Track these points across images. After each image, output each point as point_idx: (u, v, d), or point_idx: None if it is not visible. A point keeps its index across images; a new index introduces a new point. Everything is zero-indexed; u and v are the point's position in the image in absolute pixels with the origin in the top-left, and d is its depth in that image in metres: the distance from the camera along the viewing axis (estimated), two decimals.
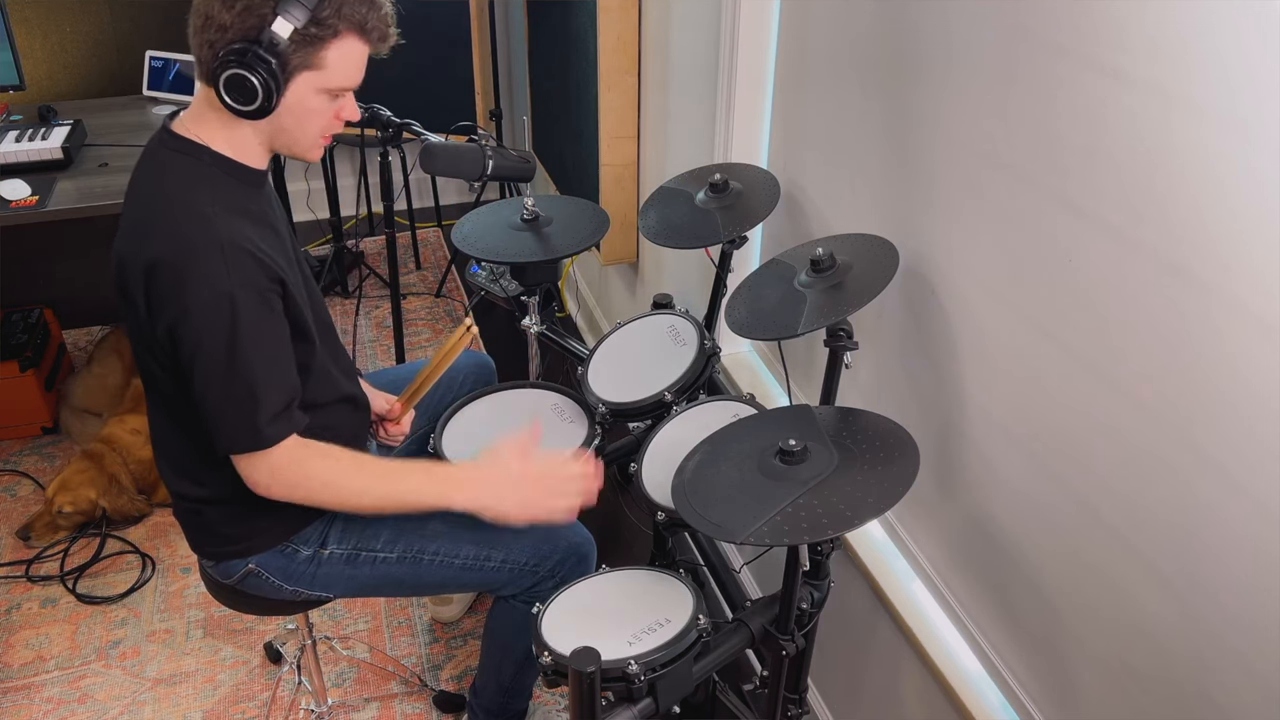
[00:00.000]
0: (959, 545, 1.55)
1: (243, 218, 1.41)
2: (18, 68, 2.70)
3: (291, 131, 1.43)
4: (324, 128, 1.45)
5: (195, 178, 1.40)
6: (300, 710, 2.15)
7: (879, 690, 1.80)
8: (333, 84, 1.39)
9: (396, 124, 2.20)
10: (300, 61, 1.34)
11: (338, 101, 1.43)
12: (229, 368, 1.36)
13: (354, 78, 1.42)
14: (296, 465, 1.45)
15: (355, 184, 3.84)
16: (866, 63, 1.57)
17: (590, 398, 1.83)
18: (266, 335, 1.39)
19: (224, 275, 1.34)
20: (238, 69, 1.31)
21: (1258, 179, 0.94)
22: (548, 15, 2.98)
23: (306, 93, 1.38)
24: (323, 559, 1.63)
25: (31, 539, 2.54)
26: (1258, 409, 0.98)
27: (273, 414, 1.40)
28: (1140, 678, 1.21)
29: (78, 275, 3.29)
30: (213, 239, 1.35)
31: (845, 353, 1.49)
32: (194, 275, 1.33)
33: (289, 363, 1.44)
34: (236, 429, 1.40)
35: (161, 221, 1.37)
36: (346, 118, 1.46)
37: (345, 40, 1.36)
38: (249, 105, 1.34)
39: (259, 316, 1.37)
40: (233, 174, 1.44)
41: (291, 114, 1.39)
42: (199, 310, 1.34)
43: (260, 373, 1.38)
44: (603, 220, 2.06)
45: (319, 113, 1.42)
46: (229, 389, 1.38)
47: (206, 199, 1.38)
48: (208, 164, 1.42)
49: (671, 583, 1.51)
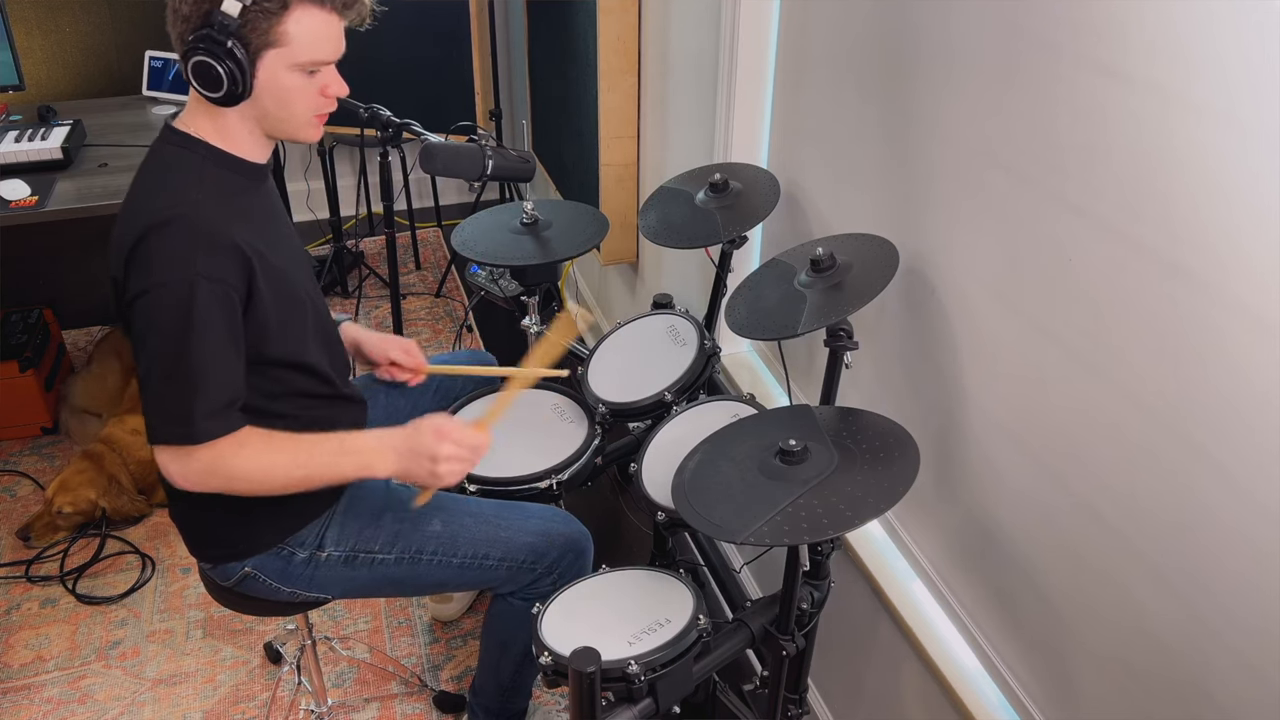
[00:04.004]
0: (959, 545, 1.55)
1: (233, 211, 1.40)
2: (17, 68, 2.70)
3: (276, 114, 1.41)
4: (312, 107, 1.42)
5: (189, 169, 1.40)
6: (300, 710, 2.15)
7: (879, 690, 1.80)
8: (302, 59, 1.36)
9: (396, 124, 2.20)
10: (260, 39, 1.33)
11: (317, 78, 1.40)
12: (176, 353, 1.34)
13: (325, 50, 1.38)
14: (220, 462, 1.40)
15: (355, 184, 3.84)
16: (866, 62, 1.57)
17: (590, 398, 1.83)
18: (221, 332, 1.36)
19: (193, 262, 1.32)
20: (200, 56, 1.31)
21: (1257, 179, 0.94)
22: (548, 15, 2.98)
23: (278, 71, 1.36)
24: (320, 561, 1.63)
25: (31, 539, 2.53)
26: (1258, 409, 0.98)
27: (210, 410, 1.37)
28: (1140, 677, 1.21)
29: (78, 275, 3.29)
30: (191, 225, 1.34)
31: (845, 353, 1.49)
32: (163, 255, 1.33)
33: (237, 364, 1.41)
34: (171, 418, 1.37)
35: (151, 206, 1.37)
36: (334, 94, 1.43)
37: (300, 11, 1.33)
38: (219, 91, 1.34)
39: (218, 311, 1.35)
40: (229, 168, 1.43)
41: (270, 95, 1.38)
42: (159, 289, 1.33)
43: (206, 366, 1.36)
44: (602, 224, 2.06)
45: (299, 91, 1.39)
46: (172, 374, 1.35)
47: (196, 188, 1.38)
48: (203, 157, 1.42)
49: (671, 583, 1.51)
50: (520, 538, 1.67)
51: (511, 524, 1.68)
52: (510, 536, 1.66)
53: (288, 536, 1.61)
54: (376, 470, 1.49)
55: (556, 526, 1.70)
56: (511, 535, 1.67)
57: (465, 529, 1.65)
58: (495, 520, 1.68)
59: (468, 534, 1.65)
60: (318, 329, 1.57)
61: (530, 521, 1.69)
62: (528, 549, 1.67)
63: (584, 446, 1.76)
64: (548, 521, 1.70)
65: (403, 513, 1.66)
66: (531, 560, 1.67)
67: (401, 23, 3.36)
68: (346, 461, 1.49)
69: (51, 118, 2.76)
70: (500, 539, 1.66)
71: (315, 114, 1.44)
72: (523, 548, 1.67)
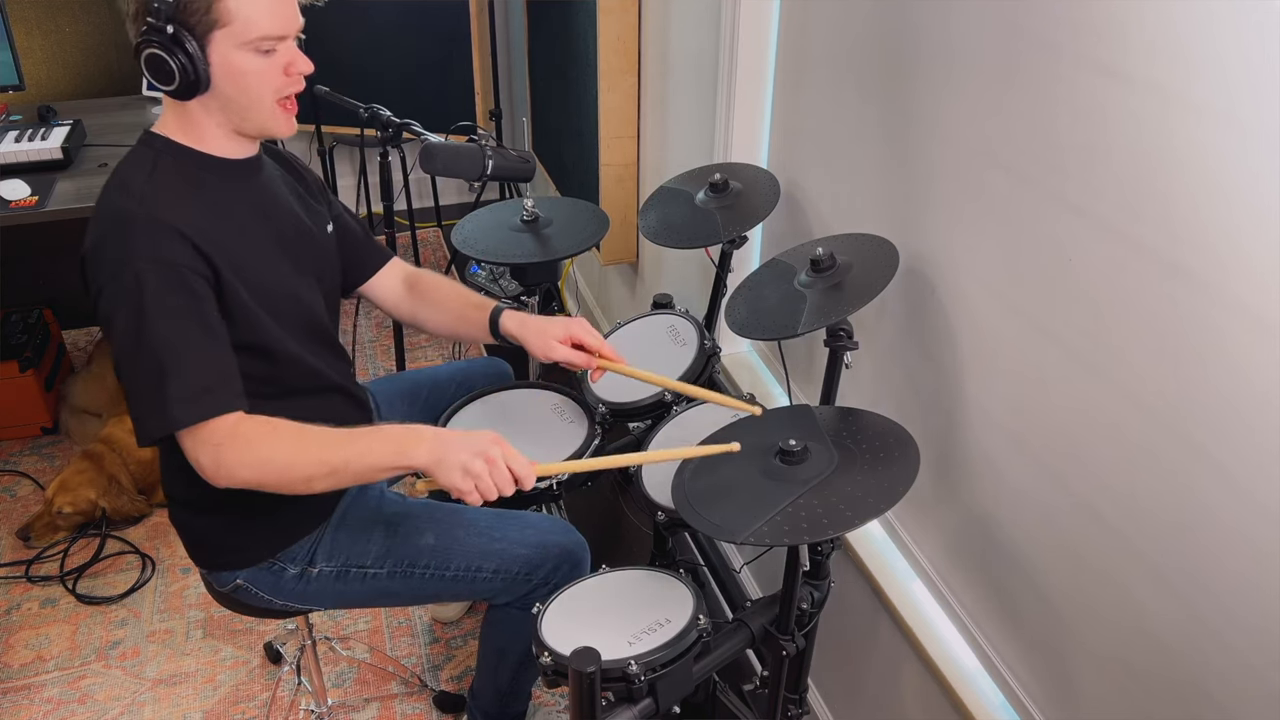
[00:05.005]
0: (959, 545, 1.55)
1: (189, 204, 1.36)
2: (17, 68, 2.70)
3: (238, 100, 1.36)
4: (274, 89, 1.37)
5: (140, 166, 1.39)
6: (300, 710, 2.15)
7: (879, 690, 1.80)
8: (252, 35, 1.31)
9: (396, 124, 2.20)
10: (202, 21, 1.29)
11: (276, 57, 1.35)
12: (137, 344, 1.31)
13: (274, 24, 1.32)
14: (249, 449, 1.33)
15: (355, 184, 3.83)
16: (866, 62, 1.57)
17: (590, 398, 1.82)
18: (181, 313, 1.32)
19: (132, 249, 1.30)
20: (149, 49, 1.29)
21: (1257, 179, 0.94)
22: (548, 15, 2.98)
23: (229, 52, 1.31)
24: (311, 577, 1.61)
25: (31, 539, 2.54)
26: (1258, 409, 0.98)
27: (185, 394, 1.31)
28: (1140, 677, 1.21)
29: (77, 275, 3.29)
30: (131, 216, 1.32)
31: (845, 353, 1.49)
32: (105, 252, 1.32)
33: (210, 346, 1.35)
34: (147, 408, 1.33)
35: (100, 208, 1.37)
36: (297, 71, 1.38)
37: None
38: (173, 84, 1.31)
39: (171, 293, 1.31)
40: (193, 163, 1.41)
41: (228, 81, 1.34)
42: (107, 286, 1.32)
43: (171, 350, 1.31)
44: (602, 221, 2.06)
45: (257, 73, 1.34)
46: (138, 366, 1.32)
47: (142, 180, 1.36)
48: (158, 151, 1.40)
49: (671, 583, 1.51)
50: (515, 550, 1.64)
51: (506, 536, 1.65)
52: (505, 549, 1.64)
53: (278, 552, 1.59)
54: (414, 455, 1.33)
55: (553, 537, 1.67)
56: (506, 547, 1.64)
57: (458, 541, 1.63)
58: (490, 532, 1.65)
59: (461, 547, 1.63)
60: (301, 322, 1.54)
61: (526, 533, 1.66)
62: (522, 561, 1.64)
63: (584, 446, 1.76)
64: (544, 533, 1.68)
65: (395, 526, 1.64)
66: (526, 572, 1.64)
67: (402, 23, 3.37)
68: (385, 448, 1.34)
69: (51, 118, 2.76)
70: (494, 551, 1.64)
71: (279, 96, 1.39)
72: (517, 559, 1.64)
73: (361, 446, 1.35)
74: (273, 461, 1.34)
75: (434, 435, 1.35)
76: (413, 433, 1.36)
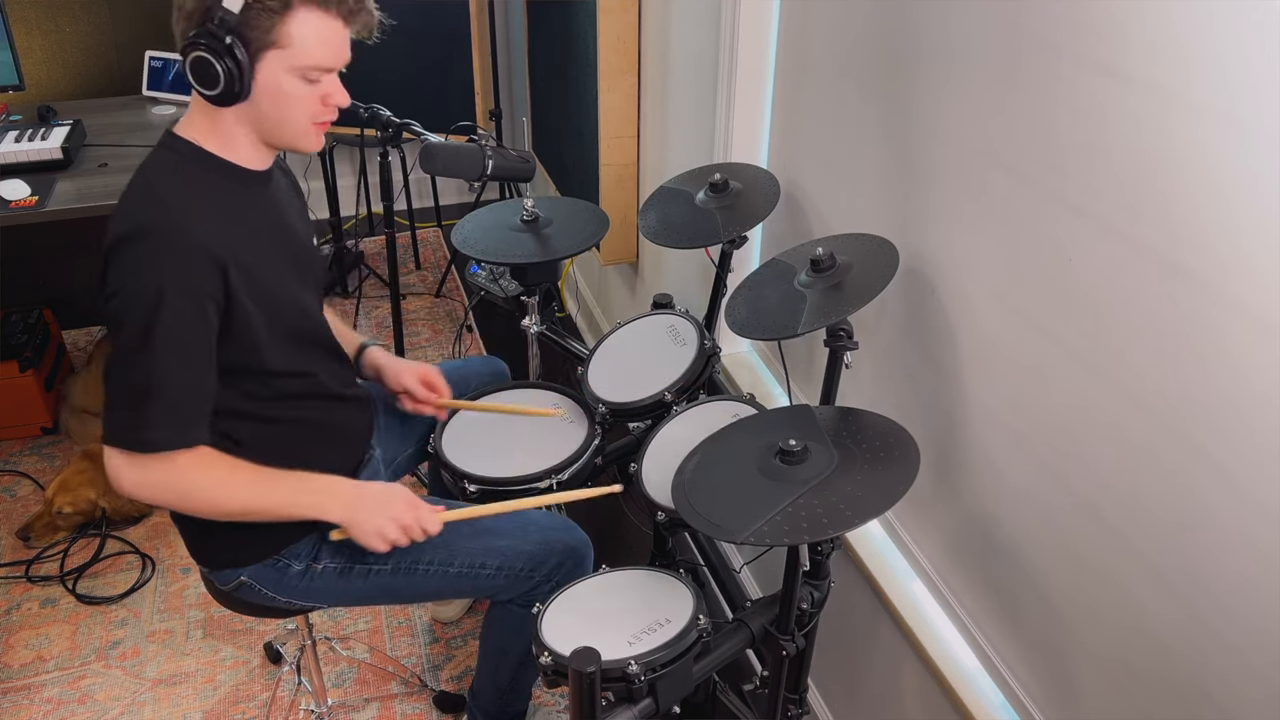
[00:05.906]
0: (959, 545, 1.55)
1: (212, 214, 1.38)
2: (17, 68, 2.70)
3: (273, 118, 1.39)
4: (310, 114, 1.40)
5: (165, 171, 1.40)
6: (300, 710, 2.15)
7: (879, 690, 1.80)
8: (302, 63, 1.34)
9: (396, 124, 2.20)
10: (261, 39, 1.31)
11: (318, 86, 1.38)
12: (135, 358, 1.33)
13: (326, 57, 1.36)
14: (178, 477, 1.39)
15: (355, 184, 3.84)
16: (866, 62, 1.57)
17: (590, 398, 1.83)
18: (186, 342, 1.35)
19: (160, 266, 1.31)
20: (199, 52, 1.30)
21: (1257, 179, 0.94)
22: (548, 15, 2.98)
23: (278, 73, 1.34)
24: (315, 573, 1.61)
25: (31, 539, 2.53)
26: (1258, 409, 0.98)
27: (166, 421, 1.35)
28: (1140, 677, 1.21)
29: (78, 275, 3.29)
30: (161, 226, 1.33)
31: (845, 353, 1.49)
32: (131, 258, 1.32)
33: (203, 380, 1.39)
34: (126, 421, 1.36)
35: (125, 211, 1.37)
36: (335, 103, 1.42)
37: (304, 12, 1.32)
38: (216, 89, 1.32)
39: (185, 321, 1.34)
40: (217, 171, 1.42)
41: (268, 98, 1.36)
42: (126, 290, 1.32)
43: (166, 375, 1.34)
44: (602, 221, 2.06)
45: (298, 97, 1.37)
46: (128, 378, 1.34)
47: (168, 187, 1.37)
48: (182, 156, 1.41)
49: (671, 583, 1.51)
50: (519, 546, 1.65)
51: (511, 533, 1.66)
52: (509, 545, 1.65)
53: (284, 547, 1.59)
54: (329, 511, 1.48)
55: (557, 534, 1.68)
56: (510, 544, 1.65)
57: (463, 538, 1.63)
58: (494, 529, 1.66)
59: (465, 543, 1.64)
60: (304, 333, 1.56)
61: (530, 530, 1.67)
62: (526, 558, 1.65)
63: (584, 446, 1.76)
64: (547, 530, 1.68)
65: None
66: (529, 569, 1.65)
67: (402, 23, 3.36)
68: (304, 499, 1.48)
69: (51, 118, 2.76)
70: (498, 548, 1.64)
71: (314, 121, 1.42)
72: (521, 556, 1.65)
73: (284, 497, 1.47)
74: (198, 497, 1.44)
75: (351, 495, 1.50)
76: (330, 490, 1.50)
